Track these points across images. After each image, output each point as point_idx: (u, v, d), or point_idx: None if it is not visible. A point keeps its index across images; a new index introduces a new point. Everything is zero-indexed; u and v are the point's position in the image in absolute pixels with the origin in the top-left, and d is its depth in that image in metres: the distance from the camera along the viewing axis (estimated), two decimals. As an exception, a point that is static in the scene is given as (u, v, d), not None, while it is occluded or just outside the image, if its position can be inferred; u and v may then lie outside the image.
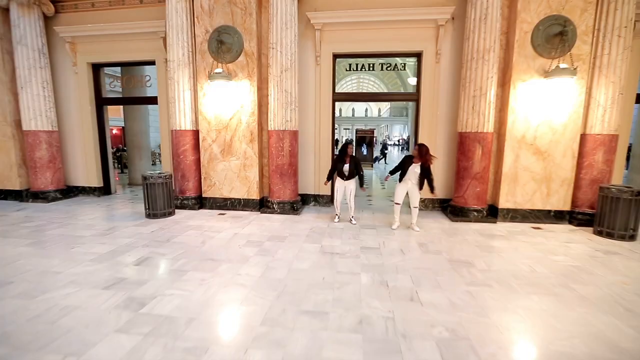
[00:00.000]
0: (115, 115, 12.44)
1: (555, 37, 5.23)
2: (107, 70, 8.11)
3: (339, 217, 5.60)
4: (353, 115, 47.48)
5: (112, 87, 9.16)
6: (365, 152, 16.14)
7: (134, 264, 3.77)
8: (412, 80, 7.32)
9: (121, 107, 10.87)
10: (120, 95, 9.36)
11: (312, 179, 6.79)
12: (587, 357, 2.26)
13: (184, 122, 6.31)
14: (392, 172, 5.25)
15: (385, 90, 40.75)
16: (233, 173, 6.36)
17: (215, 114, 6.26)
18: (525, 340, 2.45)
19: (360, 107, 49.47)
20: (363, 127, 23.84)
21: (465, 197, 5.81)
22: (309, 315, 2.73)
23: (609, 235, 4.88)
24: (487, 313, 2.80)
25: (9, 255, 4.01)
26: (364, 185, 5.48)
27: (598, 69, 5.28)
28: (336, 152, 5.77)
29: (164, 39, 6.60)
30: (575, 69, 5.05)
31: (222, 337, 2.47)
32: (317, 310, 2.81)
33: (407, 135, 41.38)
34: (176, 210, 6.28)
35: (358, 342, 2.39)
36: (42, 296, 3.02)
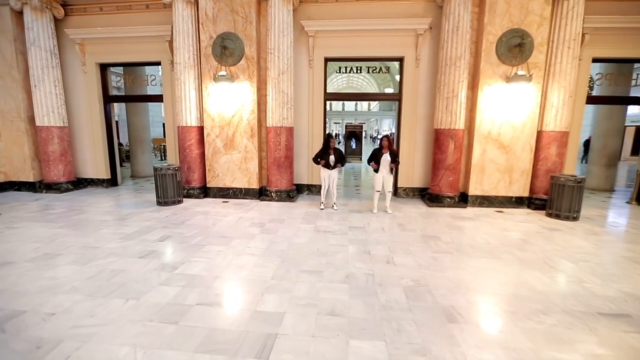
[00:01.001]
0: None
1: (516, 47, 6.08)
2: (112, 68, 8.64)
3: (323, 204, 6.34)
4: (343, 109, 48.24)
5: (118, 84, 9.69)
6: (354, 146, 16.95)
7: (159, 241, 4.50)
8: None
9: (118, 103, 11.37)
10: (122, 93, 9.90)
11: (306, 170, 7.56)
12: (511, 296, 3.12)
13: (189, 119, 6.97)
14: (368, 162, 6.04)
15: (375, 85, 41.44)
16: (235, 165, 7.07)
17: (218, 112, 6.94)
18: (468, 286, 3.30)
19: (350, 102, 50.14)
20: (353, 122, 24.59)
21: (440, 185, 6.68)
22: (307, 273, 3.53)
23: (557, 217, 5.82)
24: (444, 270, 3.65)
25: (47, 235, 4.68)
26: (340, 166, 6.17)
27: (552, 75, 6.16)
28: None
29: (170, 42, 7.21)
30: (530, 75, 5.93)
31: (243, 287, 3.24)
32: (314, 270, 3.61)
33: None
34: (184, 199, 6.97)
35: (345, 289, 3.19)
36: (91, 263, 3.73)
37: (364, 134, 21.22)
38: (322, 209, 6.27)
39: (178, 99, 6.93)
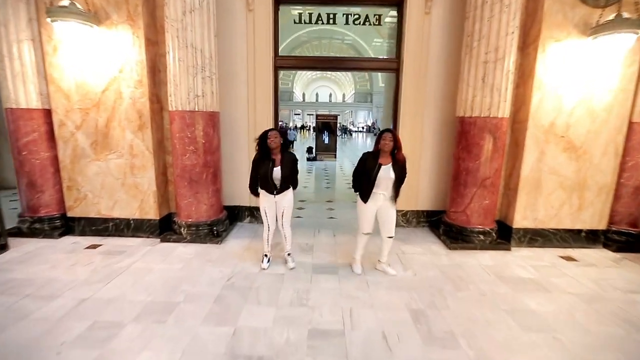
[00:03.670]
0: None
1: (610, -29, 3.42)
2: None
3: (268, 259, 3.42)
4: (317, 100, 45.29)
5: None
6: (327, 141, 14.07)
7: None
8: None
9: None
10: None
11: (247, 184, 4.60)
12: None
13: (23, 95, 3.80)
14: (354, 185, 3.18)
15: (351, 81, 38.70)
16: (114, 179, 4.00)
17: (77, 82, 3.81)
18: None
19: (324, 92, 47.43)
20: (326, 112, 21.65)
21: (467, 212, 3.98)
22: None
23: (680, 274, 3.29)
24: None
25: None
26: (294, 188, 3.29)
27: (661, 26, 3.57)
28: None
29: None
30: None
31: None
32: None
33: (371, 121, 40.18)
34: (20, 240, 3.86)
35: None
36: None
37: (338, 125, 18.45)
38: (264, 267, 3.36)
39: (-1, 58, 3.73)
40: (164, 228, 4.18)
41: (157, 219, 4.09)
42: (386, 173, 2.92)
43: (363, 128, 41.30)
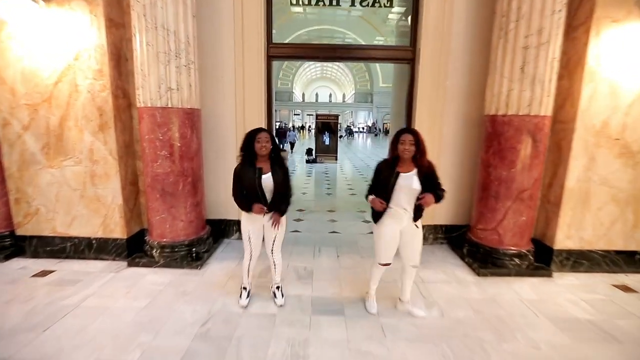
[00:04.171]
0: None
1: None
2: None
3: (248, 293, 2.69)
4: (317, 100, 44.64)
5: None
6: (327, 142, 13.37)
7: None
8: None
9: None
10: None
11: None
12: None
13: (-42, 88, 3.10)
14: (368, 194, 2.41)
15: (350, 76, 38.17)
16: (71, 190, 3.29)
17: (23, 72, 3.11)
18: None
19: (324, 92, 46.87)
20: (326, 112, 20.94)
21: (499, 231, 3.28)
22: None
23: None
24: None
25: None
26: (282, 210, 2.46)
27: None
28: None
29: None
30: None
31: None
32: None
33: (371, 121, 39.56)
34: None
35: None
36: None
37: (342, 126, 17.77)
38: (243, 305, 2.62)
39: None
40: (135, 248, 3.48)
41: (125, 238, 3.38)
42: (407, 182, 2.22)
43: (363, 128, 40.75)
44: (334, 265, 3.44)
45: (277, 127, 17.46)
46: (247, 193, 2.36)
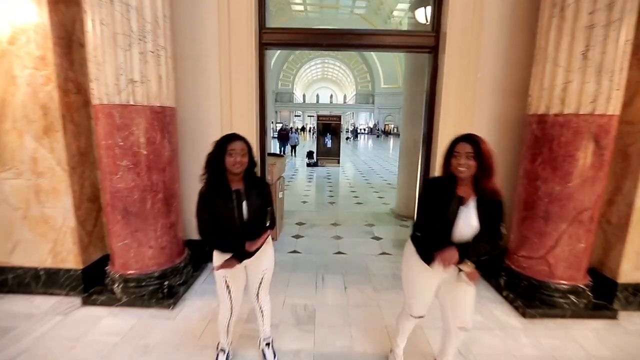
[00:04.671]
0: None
1: None
2: None
3: (227, 354, 1.98)
4: (318, 101, 44.04)
5: None
6: (329, 144, 12.67)
7: None
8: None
9: None
10: None
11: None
12: None
13: None
14: (416, 231, 1.72)
15: (351, 76, 37.60)
16: (11, 209, 2.62)
17: (-54, 62, 2.45)
18: None
19: (325, 93, 46.37)
20: (327, 113, 20.24)
21: (550, 260, 2.60)
22: None
23: None
24: None
25: None
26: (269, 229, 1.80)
27: None
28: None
29: None
30: None
31: None
32: None
33: (373, 122, 38.95)
34: None
35: None
36: None
37: (348, 127, 17.08)
38: None
39: None
40: (96, 279, 2.80)
41: (80, 268, 2.71)
42: (465, 218, 1.54)
43: (364, 130, 40.18)
44: (342, 301, 2.76)
45: (279, 128, 16.77)
46: (221, 226, 1.69)
